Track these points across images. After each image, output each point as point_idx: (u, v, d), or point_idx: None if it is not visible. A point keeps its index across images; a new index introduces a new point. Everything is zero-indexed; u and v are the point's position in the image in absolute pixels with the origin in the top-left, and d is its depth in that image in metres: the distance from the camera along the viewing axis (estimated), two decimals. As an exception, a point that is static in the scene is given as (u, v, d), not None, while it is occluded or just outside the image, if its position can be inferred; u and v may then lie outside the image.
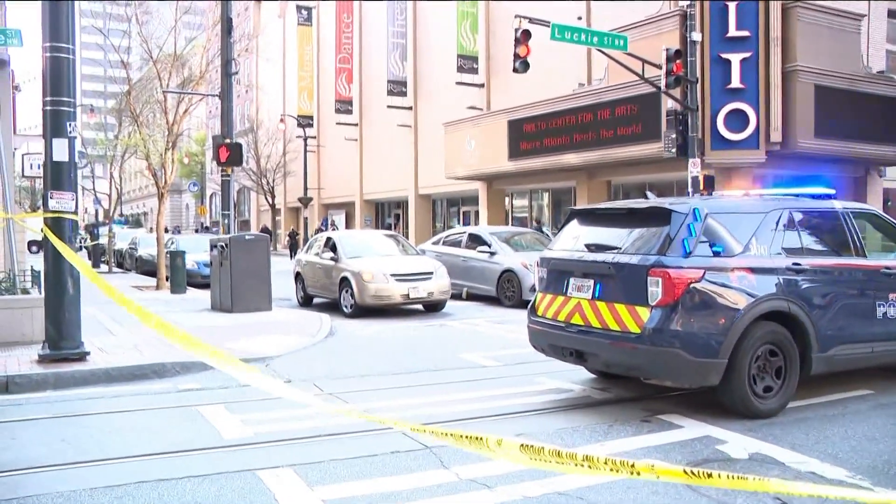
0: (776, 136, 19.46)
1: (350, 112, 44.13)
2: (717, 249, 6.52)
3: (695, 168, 18.07)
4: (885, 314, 7.27)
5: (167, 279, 19.57)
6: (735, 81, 19.53)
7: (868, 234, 7.67)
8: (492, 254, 16.69)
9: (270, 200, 50.09)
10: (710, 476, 2.60)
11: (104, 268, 30.20)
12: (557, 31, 16.49)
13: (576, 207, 8.48)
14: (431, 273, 14.69)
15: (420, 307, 15.27)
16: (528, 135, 25.50)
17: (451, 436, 3.32)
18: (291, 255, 38.16)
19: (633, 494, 4.74)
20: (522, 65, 16.84)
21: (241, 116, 55.85)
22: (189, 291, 18.90)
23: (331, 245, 15.77)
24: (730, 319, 6.33)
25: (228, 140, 16.13)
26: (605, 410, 6.91)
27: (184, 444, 5.90)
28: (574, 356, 7.18)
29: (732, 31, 19.55)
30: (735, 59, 19.51)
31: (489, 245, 16.95)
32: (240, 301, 14.41)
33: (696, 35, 18.45)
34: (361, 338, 11.86)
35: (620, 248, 6.90)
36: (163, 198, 20.63)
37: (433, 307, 15.07)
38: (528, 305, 7.99)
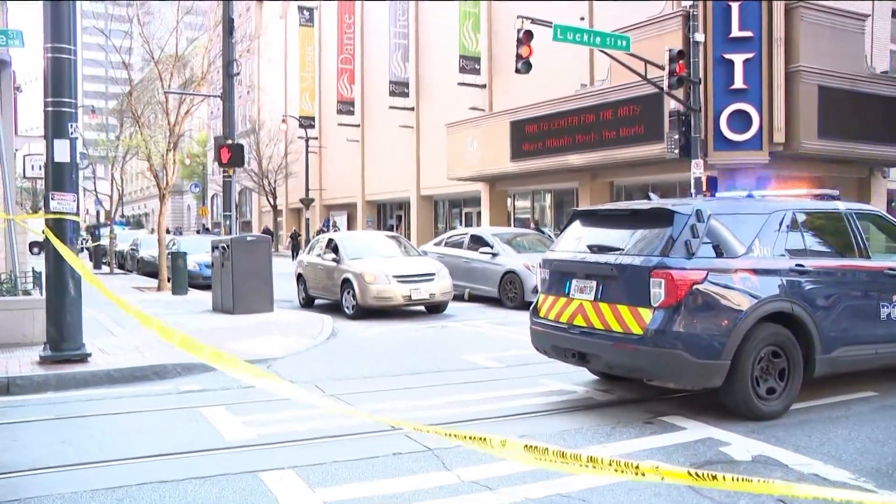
0: (779, 137, 19.42)
1: (352, 113, 44.12)
2: (720, 251, 6.50)
3: (697, 169, 18.05)
4: (889, 315, 7.24)
5: (168, 280, 19.57)
6: (738, 82, 19.50)
7: (872, 235, 7.65)
8: (494, 255, 16.66)
9: (272, 201, 50.06)
10: (715, 478, 2.58)
11: (105, 269, 30.21)
12: (560, 32, 16.45)
13: (578, 209, 8.45)
14: (433, 274, 14.67)
15: (422, 308, 15.25)
16: (531, 136, 25.47)
17: (456, 436, 3.31)
18: (293, 257, 38.18)
19: (636, 497, 4.72)
20: (525, 65, 16.82)
21: (243, 117, 55.88)
22: (190, 293, 18.90)
23: (332, 246, 15.76)
24: (733, 321, 6.30)
25: (230, 141, 16.13)
26: (608, 412, 6.89)
27: (185, 446, 5.89)
28: (576, 358, 7.16)
29: (735, 32, 19.51)
30: (738, 60, 19.47)
31: (491, 246, 16.92)
32: (241, 302, 14.39)
33: (699, 35, 18.42)
34: (363, 339, 11.85)
35: (623, 250, 6.88)
36: (164, 199, 20.64)
37: (435, 308, 15.04)
38: (531, 307, 7.97)
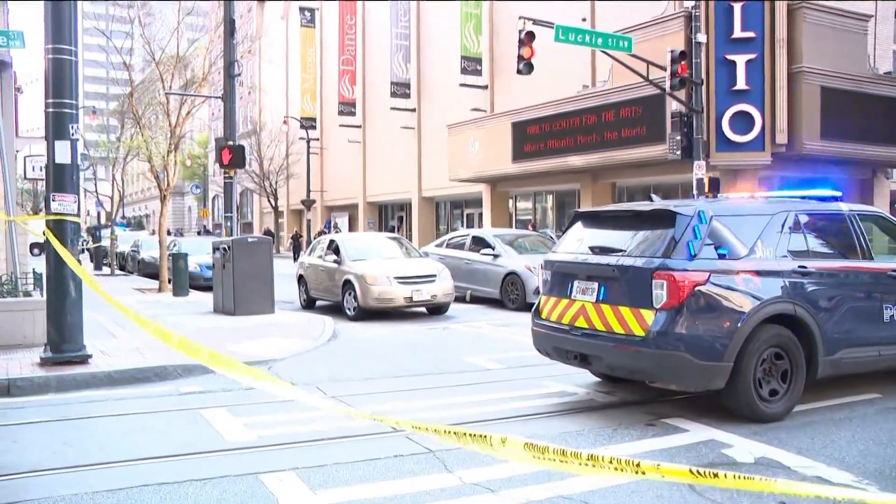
0: (782, 138, 19.40)
1: (353, 114, 44.13)
2: (722, 252, 6.48)
3: (700, 170, 18.03)
4: (892, 317, 7.21)
5: (169, 282, 19.56)
6: (740, 83, 19.47)
7: (875, 237, 7.62)
8: (495, 256, 16.64)
9: (273, 203, 50.09)
10: (717, 476, 2.57)
11: (106, 270, 30.19)
12: (561, 33, 16.45)
13: (580, 210, 8.42)
14: (435, 276, 14.64)
15: (423, 310, 15.23)
16: (532, 137, 25.45)
17: (455, 434, 3.29)
18: (294, 258, 38.17)
19: (638, 499, 4.70)
20: (526, 66, 16.81)
21: (244, 118, 55.90)
22: (191, 294, 18.88)
23: (334, 248, 15.74)
24: (735, 322, 6.28)
25: (231, 142, 16.13)
26: (610, 414, 6.87)
27: (186, 448, 5.87)
28: (578, 359, 7.14)
29: (738, 33, 19.49)
30: (740, 61, 19.45)
31: (493, 247, 16.90)
32: (242, 304, 14.37)
33: (701, 36, 18.40)
34: (364, 341, 11.83)
35: (625, 251, 6.86)
36: (165, 200, 20.63)
37: (436, 310, 15.02)
38: (532, 308, 7.94)
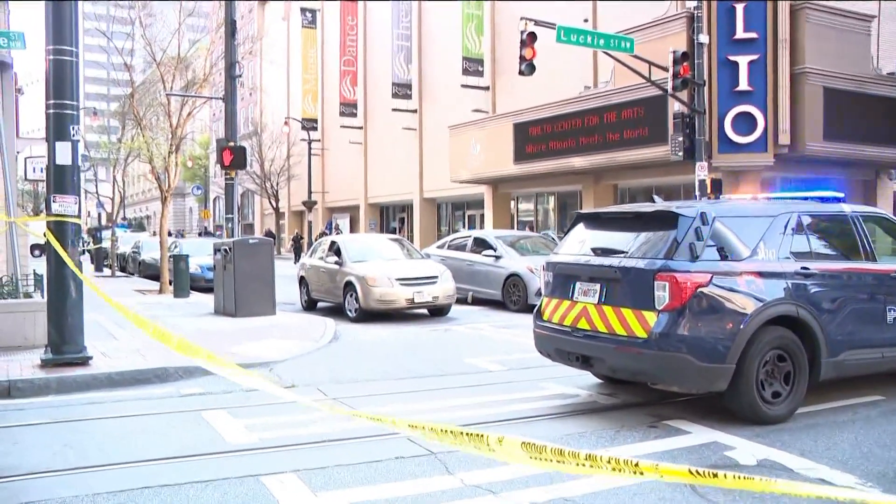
0: (784, 139, 19.38)
1: (354, 115, 44.13)
2: (725, 254, 6.46)
3: (702, 171, 18.00)
4: (896, 319, 7.19)
5: (170, 283, 19.55)
6: (743, 84, 19.46)
7: (878, 238, 7.59)
8: (497, 258, 16.62)
9: (274, 204, 50.12)
10: (716, 476, 2.55)
11: (107, 271, 30.19)
12: (563, 34, 16.43)
13: (582, 211, 8.40)
14: (436, 277, 14.62)
15: (425, 311, 15.20)
16: (534, 138, 25.44)
17: (452, 433, 3.27)
18: (295, 260, 38.15)
19: (640, 500, 4.68)
20: (528, 67, 16.80)
21: (245, 119, 55.95)
22: (192, 295, 18.86)
23: (335, 249, 15.72)
24: (737, 324, 6.26)
25: (232, 143, 16.13)
26: (612, 416, 6.85)
27: (187, 450, 5.86)
28: (580, 361, 7.12)
29: (740, 33, 19.48)
30: (743, 62, 19.44)
31: (494, 249, 16.88)
32: (243, 305, 14.35)
33: (703, 37, 18.37)
34: (366, 342, 11.81)
35: (627, 253, 6.84)
36: (166, 201, 20.61)
37: (438, 311, 14.99)
38: (534, 310, 7.93)
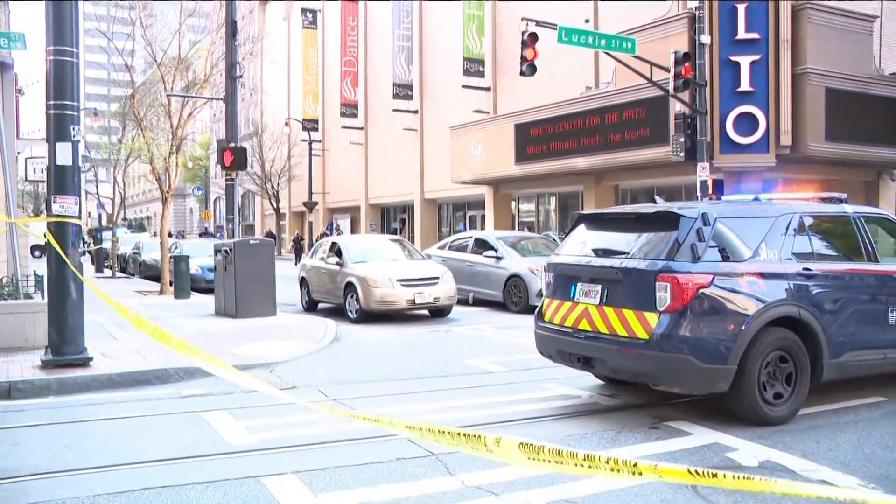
0: (786, 140, 19.35)
1: (355, 116, 44.12)
2: (727, 254, 6.45)
3: (703, 172, 17.96)
4: (898, 320, 7.16)
5: (171, 284, 19.55)
6: (744, 84, 19.43)
7: (880, 239, 7.57)
8: (498, 259, 16.60)
9: (275, 205, 50.11)
10: (716, 476, 2.54)
11: (107, 272, 30.18)
12: (564, 34, 16.40)
13: (583, 212, 8.39)
14: (437, 278, 14.61)
15: (426, 312, 15.19)
16: (535, 138, 25.42)
17: (449, 434, 3.25)
18: (296, 260, 38.14)
19: (641, 502, 4.67)
20: (529, 68, 16.78)
21: (246, 120, 55.96)
22: (193, 296, 18.85)
23: (336, 250, 15.71)
24: (739, 325, 6.25)
25: (233, 144, 16.12)
26: (613, 417, 6.84)
27: (187, 451, 5.85)
28: (581, 362, 7.11)
29: (742, 34, 19.44)
30: (744, 62, 19.41)
31: (495, 250, 16.87)
32: (244, 306, 14.34)
33: (705, 38, 18.32)
34: (366, 343, 11.80)
35: (628, 253, 6.83)
36: (167, 202, 20.62)
37: (439, 312, 14.98)
38: (535, 311, 7.92)
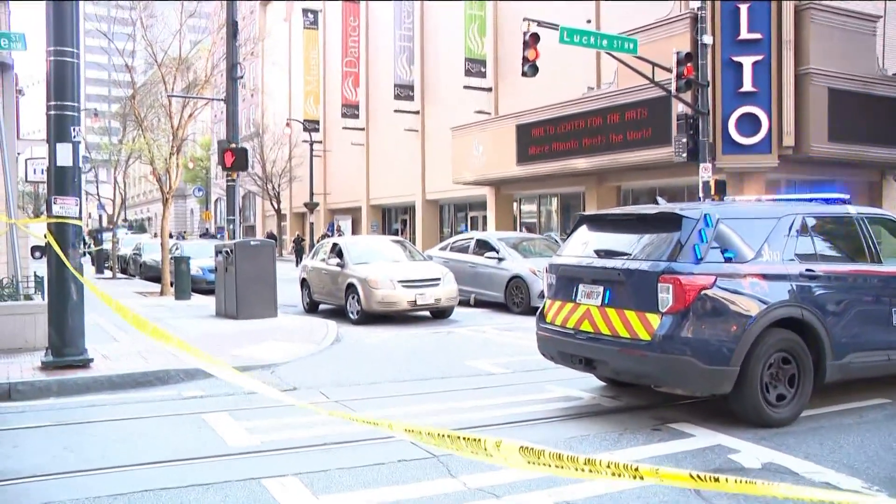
0: (789, 141, 19.32)
1: (356, 116, 44.10)
2: (729, 256, 6.42)
3: (706, 173, 17.92)
4: (901, 321, 7.13)
5: (171, 285, 19.53)
6: (747, 85, 19.40)
7: (884, 240, 7.54)
8: (500, 260, 16.58)
9: (276, 206, 50.09)
10: (717, 480, 2.52)
11: (108, 273, 30.15)
12: (566, 35, 16.36)
13: (585, 213, 8.38)
14: (439, 279, 14.59)
15: (427, 314, 15.16)
16: (537, 139, 25.40)
17: (449, 437, 3.23)
18: (297, 261, 38.12)
19: (644, 505, 4.64)
20: (531, 68, 16.75)
21: (247, 121, 55.96)
22: (194, 297, 18.84)
23: (337, 251, 15.69)
24: (742, 326, 6.22)
25: (234, 144, 16.10)
26: (615, 419, 6.82)
27: (188, 452, 5.83)
28: (583, 364, 7.09)
29: (744, 34, 19.42)
30: (747, 62, 19.38)
31: (497, 251, 16.85)
32: (245, 307, 14.32)
33: (707, 38, 18.28)
34: (368, 345, 11.78)
35: (630, 255, 6.81)
36: (167, 203, 20.60)
37: (440, 314, 14.96)
38: (537, 312, 7.89)
